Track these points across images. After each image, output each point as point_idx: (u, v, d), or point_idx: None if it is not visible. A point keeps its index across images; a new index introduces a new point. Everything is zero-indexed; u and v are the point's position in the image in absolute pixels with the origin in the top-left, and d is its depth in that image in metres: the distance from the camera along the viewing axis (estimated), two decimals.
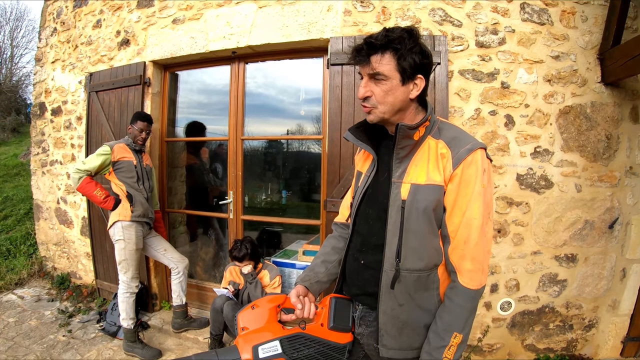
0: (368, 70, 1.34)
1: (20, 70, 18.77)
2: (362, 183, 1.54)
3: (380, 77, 1.32)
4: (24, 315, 4.24)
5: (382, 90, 1.34)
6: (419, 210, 1.34)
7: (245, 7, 3.54)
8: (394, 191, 1.40)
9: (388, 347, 1.45)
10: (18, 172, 9.59)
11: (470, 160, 1.31)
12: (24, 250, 5.84)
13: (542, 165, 3.04)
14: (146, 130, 3.49)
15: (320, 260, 1.67)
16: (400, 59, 1.29)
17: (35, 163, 5.40)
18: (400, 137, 1.37)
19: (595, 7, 2.98)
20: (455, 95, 3.08)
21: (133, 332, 3.44)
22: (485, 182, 1.32)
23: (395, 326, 1.43)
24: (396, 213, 1.38)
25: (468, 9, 3.06)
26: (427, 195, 1.34)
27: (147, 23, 4.07)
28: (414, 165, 1.39)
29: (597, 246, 3.09)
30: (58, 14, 4.96)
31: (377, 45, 1.30)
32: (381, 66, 1.31)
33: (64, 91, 4.86)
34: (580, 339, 3.20)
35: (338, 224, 1.80)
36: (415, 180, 1.36)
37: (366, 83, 1.37)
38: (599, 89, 3.00)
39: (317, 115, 4.00)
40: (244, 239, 3.44)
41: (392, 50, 1.29)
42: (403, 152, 1.41)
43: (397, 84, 1.32)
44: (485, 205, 1.32)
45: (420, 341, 1.42)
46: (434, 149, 1.37)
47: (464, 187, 1.31)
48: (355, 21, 3.23)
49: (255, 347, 1.35)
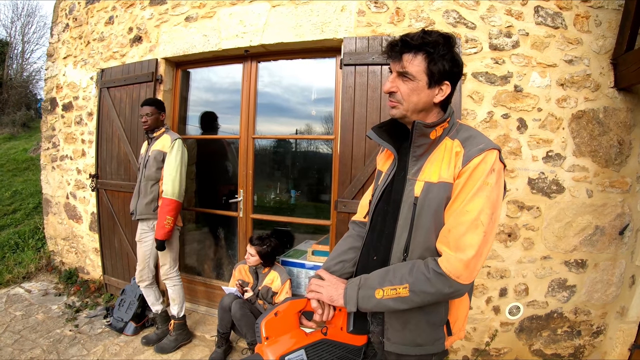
0: (398, 67, 1.38)
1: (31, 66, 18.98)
2: (382, 181, 1.57)
3: (408, 76, 1.35)
4: (31, 309, 4.27)
5: (408, 88, 1.37)
6: (431, 208, 1.36)
7: (259, 6, 3.55)
8: (407, 187, 1.43)
9: (392, 341, 1.47)
10: (27, 166, 9.67)
11: (481, 159, 1.31)
12: (32, 244, 5.88)
13: (553, 169, 3.03)
14: (145, 113, 3.37)
15: (335, 262, 1.67)
16: (431, 63, 1.33)
17: (45, 158, 5.43)
18: (417, 134, 1.40)
19: (609, 11, 2.97)
20: (468, 98, 3.07)
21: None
22: (491, 182, 1.30)
23: (399, 320, 1.45)
24: (408, 209, 1.41)
25: (482, 12, 3.05)
26: (438, 193, 1.35)
27: (159, 20, 4.09)
28: (430, 163, 1.41)
29: (607, 252, 3.07)
30: (70, 10, 5.00)
31: (412, 45, 1.33)
32: (412, 66, 1.34)
33: (75, 87, 4.89)
34: (588, 346, 3.18)
35: (356, 222, 1.81)
36: (429, 179, 1.38)
37: (394, 79, 1.40)
38: (611, 94, 2.99)
39: (326, 116, 4.00)
40: (271, 234, 3.46)
41: (424, 53, 1.33)
42: (420, 150, 1.44)
43: (423, 85, 1.36)
44: (489, 204, 1.29)
45: (423, 337, 1.45)
46: (449, 148, 1.39)
47: (469, 182, 1.31)
48: (368, 22, 3.23)
49: (282, 357, 1.36)
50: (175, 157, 3.31)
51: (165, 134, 3.44)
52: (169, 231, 3.26)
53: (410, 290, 1.31)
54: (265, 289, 3.25)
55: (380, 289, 1.35)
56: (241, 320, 3.10)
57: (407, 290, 1.31)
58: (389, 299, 1.33)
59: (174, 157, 3.31)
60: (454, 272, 1.27)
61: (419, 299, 1.32)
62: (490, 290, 3.17)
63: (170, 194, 3.26)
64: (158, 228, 3.24)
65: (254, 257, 3.27)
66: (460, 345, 3.29)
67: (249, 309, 3.14)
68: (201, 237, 4.87)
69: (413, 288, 1.30)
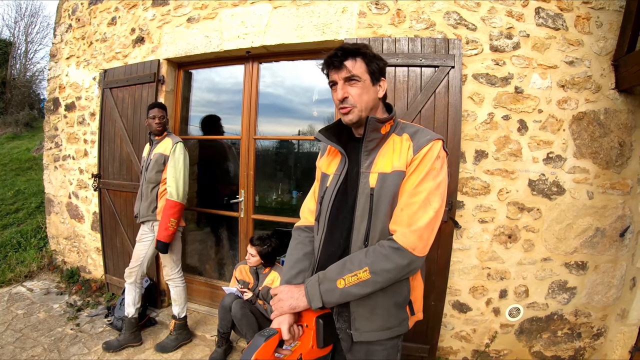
0: (344, 74, 1.52)
1: (34, 66, 19.11)
2: (333, 181, 1.66)
3: (355, 78, 1.51)
4: (33, 307, 4.29)
5: (358, 89, 1.52)
6: (387, 196, 1.49)
7: (261, 7, 3.56)
8: (362, 180, 1.55)
9: (361, 330, 1.54)
10: (30, 166, 9.71)
11: (429, 147, 1.48)
12: (34, 243, 5.90)
13: (554, 171, 3.02)
14: (159, 115, 3.40)
15: (296, 271, 1.70)
16: (369, 64, 1.53)
17: (48, 157, 5.46)
18: (370, 129, 1.54)
19: (610, 13, 2.96)
20: (468, 99, 3.08)
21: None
22: (437, 167, 1.47)
23: (366, 308, 1.53)
24: (365, 200, 1.52)
25: (483, 13, 3.05)
26: (393, 181, 1.49)
27: (162, 21, 4.11)
28: (381, 156, 1.55)
29: (607, 254, 3.06)
30: (73, 10, 5.02)
31: (351, 51, 1.51)
32: (356, 69, 1.51)
33: (78, 87, 4.92)
34: (588, 348, 3.17)
35: (302, 227, 1.86)
36: (383, 170, 1.52)
37: (342, 86, 1.53)
38: (612, 95, 2.98)
39: (328, 117, 4.01)
40: (272, 235, 3.45)
41: (361, 56, 1.52)
42: (371, 145, 1.58)
43: (369, 84, 1.54)
44: (436, 185, 1.45)
45: (392, 321, 1.55)
46: (398, 142, 1.55)
47: (419, 167, 1.46)
48: (370, 23, 3.24)
49: None
50: (177, 160, 3.33)
51: (167, 137, 3.47)
52: (172, 233, 3.28)
53: (370, 272, 1.40)
54: (265, 289, 3.26)
55: (341, 278, 1.43)
56: (241, 320, 3.10)
57: (367, 273, 1.40)
58: (352, 285, 1.42)
59: (176, 160, 3.33)
60: (410, 244, 1.39)
61: (380, 278, 1.41)
62: (490, 292, 3.17)
63: (175, 196, 3.27)
64: (161, 230, 3.26)
65: (255, 257, 3.28)
66: (460, 347, 3.29)
67: (250, 309, 3.15)
68: (203, 237, 4.88)
69: (373, 269, 1.40)
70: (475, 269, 3.17)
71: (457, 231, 3.14)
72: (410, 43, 3.07)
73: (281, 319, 1.51)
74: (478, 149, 3.09)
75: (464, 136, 3.07)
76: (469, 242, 3.16)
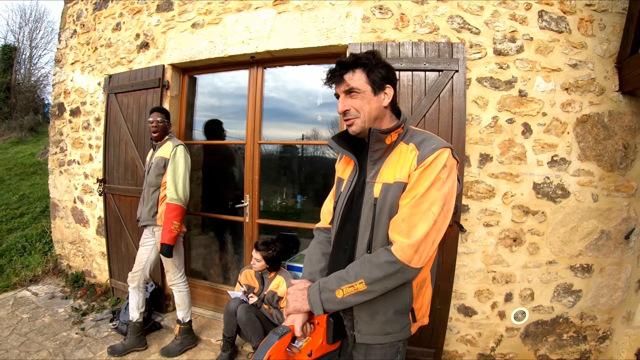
0: (344, 87, 1.53)
1: (38, 71, 19.17)
2: (346, 187, 1.69)
3: (355, 90, 1.51)
4: (38, 311, 4.30)
5: (359, 101, 1.52)
6: (389, 208, 1.49)
7: (265, 13, 3.58)
8: (367, 190, 1.56)
9: (362, 332, 1.59)
10: (35, 170, 9.75)
11: (434, 156, 1.44)
12: (39, 247, 5.91)
13: (558, 174, 3.02)
14: (156, 119, 3.41)
15: (318, 268, 1.75)
16: (369, 73, 1.51)
17: (53, 162, 5.48)
18: (373, 140, 1.54)
19: (613, 15, 2.96)
20: (472, 103, 3.08)
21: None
22: (443, 176, 1.42)
23: (367, 312, 1.56)
24: (369, 210, 1.53)
25: (486, 17, 3.06)
26: (394, 192, 1.48)
27: (166, 27, 4.13)
28: (386, 166, 1.54)
29: (612, 257, 3.06)
30: (78, 16, 5.06)
31: (348, 64, 1.52)
32: (354, 81, 1.51)
33: (83, 92, 4.94)
34: (594, 351, 3.16)
35: (321, 229, 1.91)
36: (386, 180, 1.51)
37: (343, 99, 1.56)
38: (616, 97, 2.98)
39: (332, 121, 4.02)
40: (276, 239, 3.46)
41: (361, 67, 1.51)
42: (376, 155, 1.58)
43: (370, 94, 1.52)
44: (441, 197, 1.41)
45: (393, 326, 1.57)
46: (404, 152, 1.52)
47: (423, 176, 1.43)
48: (373, 28, 3.25)
49: None
50: (177, 163, 3.35)
51: (168, 140, 3.49)
52: (176, 236, 3.29)
53: (366, 283, 1.43)
54: (270, 293, 3.26)
55: (339, 289, 1.46)
56: (247, 325, 3.11)
57: (363, 285, 1.43)
58: (350, 295, 1.45)
59: (176, 163, 3.35)
60: (406, 258, 1.39)
61: (376, 288, 1.44)
62: (495, 296, 3.17)
63: (176, 199, 3.29)
64: (164, 232, 3.27)
65: (260, 262, 3.28)
66: (466, 351, 3.29)
67: (255, 314, 3.16)
68: (207, 241, 4.89)
69: (369, 281, 1.43)
70: (481, 272, 3.17)
71: (462, 235, 3.14)
72: (414, 47, 3.08)
73: (295, 316, 1.55)
74: (482, 152, 3.09)
75: (468, 140, 3.07)
76: (474, 245, 3.16)
